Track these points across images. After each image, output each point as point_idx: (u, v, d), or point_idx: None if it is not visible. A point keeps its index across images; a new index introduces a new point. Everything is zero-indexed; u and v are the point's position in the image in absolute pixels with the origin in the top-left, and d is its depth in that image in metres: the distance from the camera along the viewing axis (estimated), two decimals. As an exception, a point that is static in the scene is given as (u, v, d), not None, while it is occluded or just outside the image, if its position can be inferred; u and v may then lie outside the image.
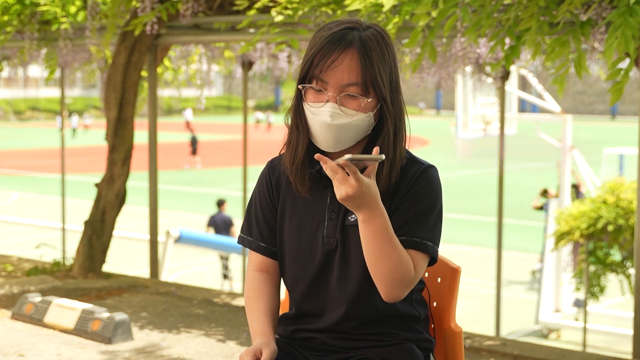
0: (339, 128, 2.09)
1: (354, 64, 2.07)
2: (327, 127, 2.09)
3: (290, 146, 2.19)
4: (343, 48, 2.07)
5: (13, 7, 6.70)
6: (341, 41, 2.07)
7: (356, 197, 1.97)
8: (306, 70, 2.11)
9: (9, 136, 42.43)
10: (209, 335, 5.36)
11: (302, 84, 2.12)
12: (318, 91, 2.10)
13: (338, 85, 2.07)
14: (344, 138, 2.11)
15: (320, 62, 2.08)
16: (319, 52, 2.08)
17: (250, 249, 2.30)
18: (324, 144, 2.12)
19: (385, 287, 2.07)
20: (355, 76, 2.07)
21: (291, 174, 2.19)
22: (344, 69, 2.07)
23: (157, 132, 7.18)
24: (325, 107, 2.08)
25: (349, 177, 1.95)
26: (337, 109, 2.08)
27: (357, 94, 2.08)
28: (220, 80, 61.43)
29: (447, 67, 6.03)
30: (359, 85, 2.07)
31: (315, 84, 2.10)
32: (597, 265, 9.25)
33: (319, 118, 2.09)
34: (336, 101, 2.08)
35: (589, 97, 59.04)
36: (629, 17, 4.17)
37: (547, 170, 26.37)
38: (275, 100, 65.99)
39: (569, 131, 11.64)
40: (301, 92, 2.14)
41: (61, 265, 7.12)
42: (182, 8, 6.02)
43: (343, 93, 2.08)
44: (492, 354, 5.09)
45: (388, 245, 2.03)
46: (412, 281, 2.08)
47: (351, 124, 2.09)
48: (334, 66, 2.07)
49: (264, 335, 2.18)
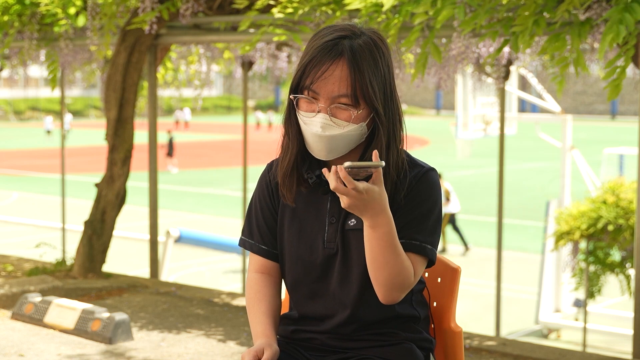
0: (330, 139, 2.09)
1: (344, 75, 2.06)
2: (318, 138, 2.09)
3: (283, 154, 2.20)
4: (333, 58, 2.06)
5: (13, 7, 6.70)
6: (332, 51, 2.07)
7: (358, 205, 1.98)
8: (297, 80, 2.11)
9: (9, 136, 42.42)
10: (209, 335, 5.36)
11: (294, 94, 2.12)
12: (310, 101, 2.10)
13: (329, 96, 2.07)
14: (336, 148, 2.11)
15: (311, 72, 2.08)
16: (310, 62, 2.08)
17: (251, 251, 2.31)
18: (317, 152, 2.13)
19: (384, 291, 2.08)
20: (346, 87, 2.06)
21: (279, 180, 2.20)
22: (335, 80, 2.06)
23: (157, 132, 7.18)
24: (317, 118, 2.08)
25: (347, 188, 1.95)
26: (328, 120, 2.08)
27: (348, 105, 2.07)
28: (220, 80, 61.43)
29: (447, 67, 6.02)
30: (349, 96, 2.07)
31: (307, 94, 2.09)
32: (596, 265, 9.25)
33: (310, 128, 2.10)
34: (327, 112, 2.08)
35: (589, 97, 59.04)
36: (626, 13, 4.19)
37: (547, 170, 26.38)
38: (275, 100, 65.98)
39: (569, 131, 11.63)
40: (293, 102, 2.14)
41: (61, 265, 7.12)
42: (182, 8, 6.02)
43: (334, 104, 2.07)
44: (492, 354, 5.09)
45: (391, 253, 2.04)
46: (411, 285, 2.10)
47: (342, 134, 2.09)
48: (324, 77, 2.06)
49: (266, 337, 2.18)
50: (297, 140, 2.16)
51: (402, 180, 2.14)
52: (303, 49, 4.00)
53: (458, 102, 12.39)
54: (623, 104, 56.43)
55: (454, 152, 16.67)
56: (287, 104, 2.17)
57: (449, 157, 28.02)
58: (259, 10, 5.67)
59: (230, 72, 9.36)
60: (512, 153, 27.37)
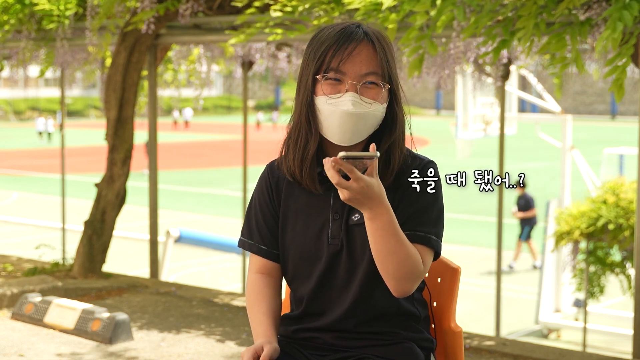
0: (359, 117, 2.11)
1: (371, 54, 2.12)
2: (349, 117, 2.11)
3: (297, 145, 2.18)
4: (358, 41, 2.12)
5: (13, 7, 6.70)
6: (355, 34, 2.13)
7: (358, 197, 1.98)
8: (319, 64, 2.13)
9: (9, 136, 42.42)
10: (209, 335, 5.36)
11: (323, 74, 2.13)
12: (335, 83, 2.12)
13: (357, 74, 2.11)
14: (361, 128, 2.13)
15: (337, 53, 2.11)
16: (333, 45, 2.12)
17: (251, 252, 2.31)
18: (340, 136, 2.13)
19: (394, 283, 2.08)
20: (374, 66, 2.12)
21: (301, 172, 2.19)
22: (362, 59, 2.12)
23: (157, 132, 7.18)
24: (346, 97, 2.11)
25: (347, 179, 1.96)
26: (357, 98, 2.11)
27: (374, 83, 2.12)
28: (220, 80, 61.41)
29: (447, 68, 6.02)
30: (377, 74, 2.12)
31: (336, 75, 2.12)
32: (597, 265, 9.25)
33: (339, 108, 2.11)
34: (356, 90, 2.11)
35: (589, 97, 59.03)
36: (625, 10, 4.20)
37: (547, 170, 26.38)
38: (275, 100, 65.97)
39: (569, 131, 11.63)
40: (312, 88, 2.14)
41: (61, 265, 7.12)
42: (182, 8, 6.02)
43: (362, 82, 2.12)
44: (492, 354, 5.09)
45: (395, 242, 2.04)
46: (421, 275, 2.10)
47: (369, 113, 2.12)
48: (352, 57, 2.11)
49: (266, 337, 2.19)
50: (318, 128, 2.16)
51: (403, 173, 2.15)
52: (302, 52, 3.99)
53: (458, 102, 12.39)
54: (623, 104, 56.38)
55: (454, 152, 16.66)
56: (304, 92, 2.16)
57: (449, 157, 27.98)
58: (258, 9, 5.67)
59: (230, 72, 9.37)
60: (512, 153, 27.35)
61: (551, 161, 27.86)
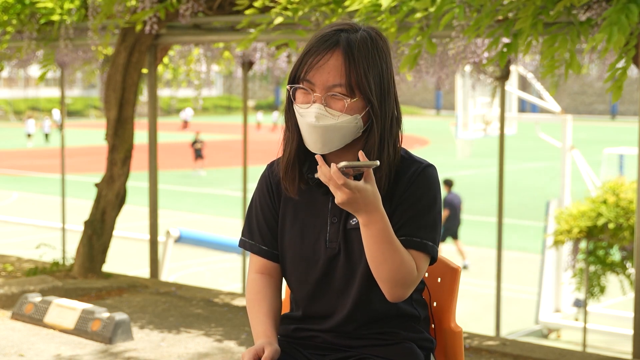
0: (325, 129, 2.09)
1: (339, 64, 2.07)
2: (313, 129, 2.09)
3: (284, 147, 2.20)
4: (329, 49, 2.08)
5: (13, 7, 6.70)
6: (328, 42, 2.08)
7: (351, 203, 1.98)
8: (295, 71, 2.12)
9: (9, 136, 42.42)
10: (209, 335, 5.36)
11: (291, 85, 2.13)
12: (306, 92, 2.11)
13: (324, 85, 2.08)
14: (330, 140, 2.10)
15: (308, 62, 2.09)
16: (307, 53, 2.10)
17: (252, 252, 2.31)
18: (312, 145, 2.12)
19: (389, 288, 2.08)
20: (340, 77, 2.07)
21: (281, 173, 2.20)
22: (329, 70, 2.07)
23: (157, 132, 7.18)
24: (312, 108, 2.09)
25: (339, 184, 1.96)
26: (322, 110, 2.08)
27: (342, 95, 2.07)
28: (220, 80, 61.41)
29: (446, 68, 6.02)
30: (343, 86, 2.07)
31: (303, 85, 2.11)
32: (597, 265, 9.25)
33: (305, 119, 2.10)
34: (322, 102, 2.08)
35: (589, 97, 59.02)
36: (624, 17, 4.19)
37: (547, 170, 26.38)
38: (275, 100, 65.96)
39: (569, 131, 11.64)
40: (291, 94, 2.15)
41: (61, 265, 7.12)
42: (182, 8, 6.02)
43: (328, 94, 2.08)
44: (492, 354, 5.09)
45: (389, 248, 2.04)
46: (415, 281, 2.10)
47: (336, 125, 2.08)
48: (319, 66, 2.08)
49: (267, 337, 2.19)
50: (296, 133, 2.16)
51: (400, 177, 2.14)
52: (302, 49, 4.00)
53: (458, 102, 12.39)
54: (623, 104, 56.39)
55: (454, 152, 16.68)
56: (286, 97, 2.18)
57: (449, 157, 28.03)
58: (259, 9, 5.67)
59: (230, 72, 9.37)
60: (512, 153, 27.37)
61: (551, 161, 27.88)
